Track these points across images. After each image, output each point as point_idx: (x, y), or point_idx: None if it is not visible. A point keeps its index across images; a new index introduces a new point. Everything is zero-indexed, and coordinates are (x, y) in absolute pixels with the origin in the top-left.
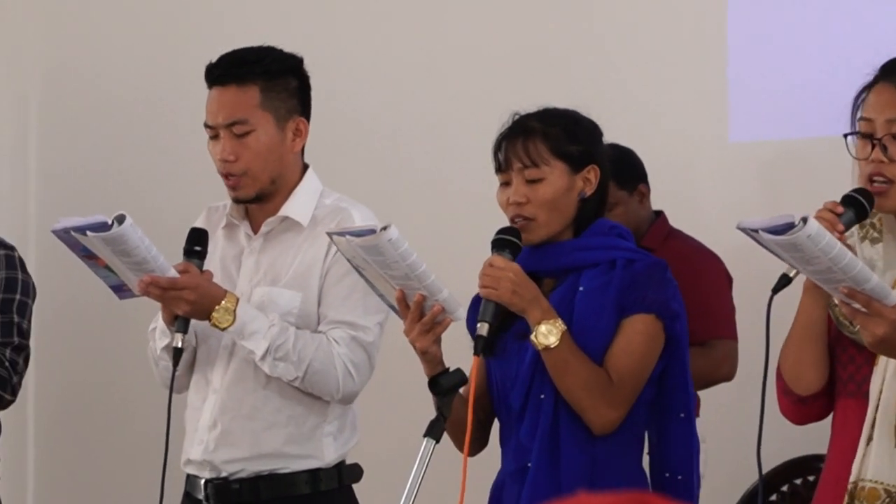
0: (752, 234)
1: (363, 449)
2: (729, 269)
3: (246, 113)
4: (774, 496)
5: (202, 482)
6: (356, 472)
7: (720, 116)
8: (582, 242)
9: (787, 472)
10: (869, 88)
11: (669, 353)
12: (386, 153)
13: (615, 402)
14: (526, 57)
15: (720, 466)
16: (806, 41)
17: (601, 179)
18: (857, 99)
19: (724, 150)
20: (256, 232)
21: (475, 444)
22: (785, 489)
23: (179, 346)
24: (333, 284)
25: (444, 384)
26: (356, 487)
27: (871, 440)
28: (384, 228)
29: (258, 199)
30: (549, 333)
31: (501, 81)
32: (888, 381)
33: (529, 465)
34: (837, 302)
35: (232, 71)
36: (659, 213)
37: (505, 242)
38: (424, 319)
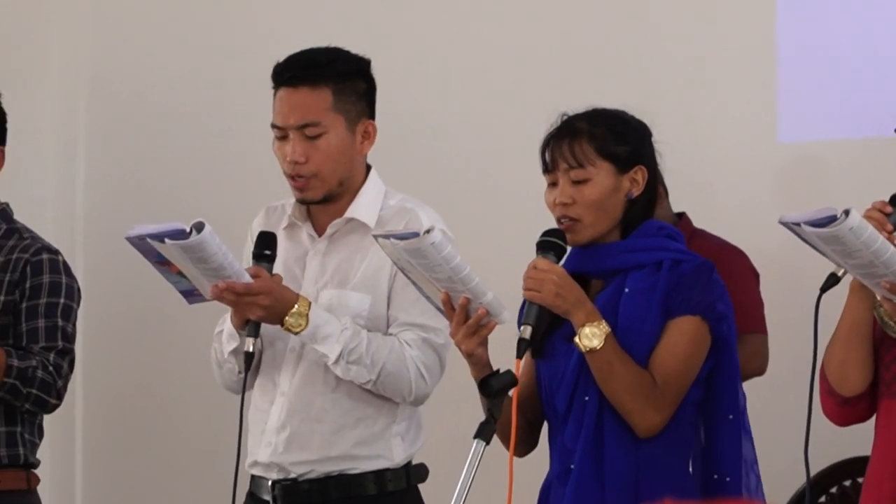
0: (793, 227)
1: (428, 449)
2: (779, 268)
3: (319, 115)
4: (823, 498)
5: (269, 483)
6: (423, 472)
7: (769, 116)
8: (629, 244)
9: (835, 473)
10: None
11: (717, 354)
12: (433, 155)
13: (660, 404)
14: (576, 58)
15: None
16: (855, 41)
17: (649, 180)
18: None
19: (772, 150)
20: (319, 233)
21: (524, 445)
22: (834, 491)
23: (251, 350)
24: (403, 287)
25: (494, 386)
26: (422, 488)
27: None
28: (427, 232)
29: (325, 200)
30: (593, 336)
31: (551, 83)
32: None
33: (573, 466)
34: (880, 298)
35: (304, 72)
36: (681, 214)
37: (549, 245)
38: (469, 322)
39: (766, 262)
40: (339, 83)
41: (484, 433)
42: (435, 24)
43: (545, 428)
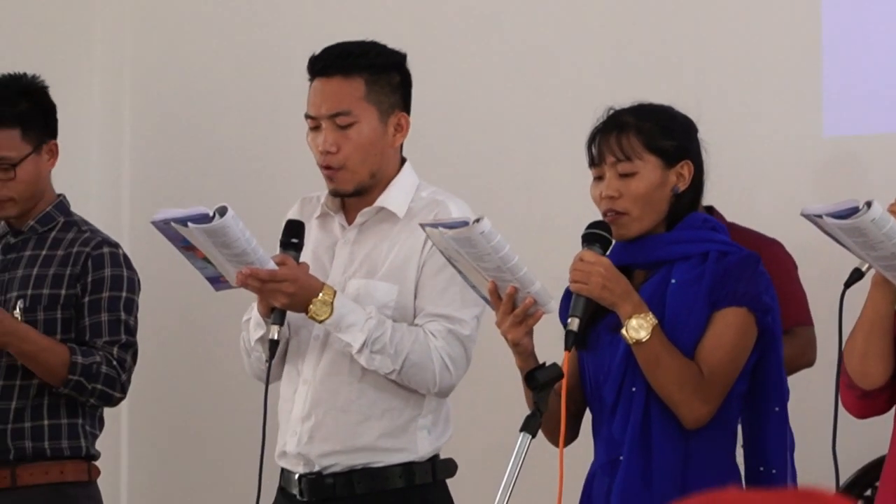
0: (815, 219)
1: (457, 444)
2: (823, 263)
3: (350, 104)
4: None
5: (296, 477)
6: (450, 466)
7: (815, 111)
8: (674, 235)
9: (872, 474)
10: None
11: (762, 346)
12: (480, 147)
13: (707, 396)
14: (622, 54)
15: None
16: None
17: (695, 175)
18: None
19: (819, 144)
20: (350, 223)
21: (566, 436)
22: (868, 494)
23: (276, 338)
24: (430, 277)
25: (540, 379)
26: (450, 483)
27: None
28: (477, 221)
29: (357, 192)
30: (639, 328)
31: (596, 78)
32: None
33: (621, 458)
34: None
35: (337, 63)
36: (710, 208)
37: (595, 237)
38: (516, 311)
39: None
40: (372, 74)
41: (530, 426)
42: (479, 18)
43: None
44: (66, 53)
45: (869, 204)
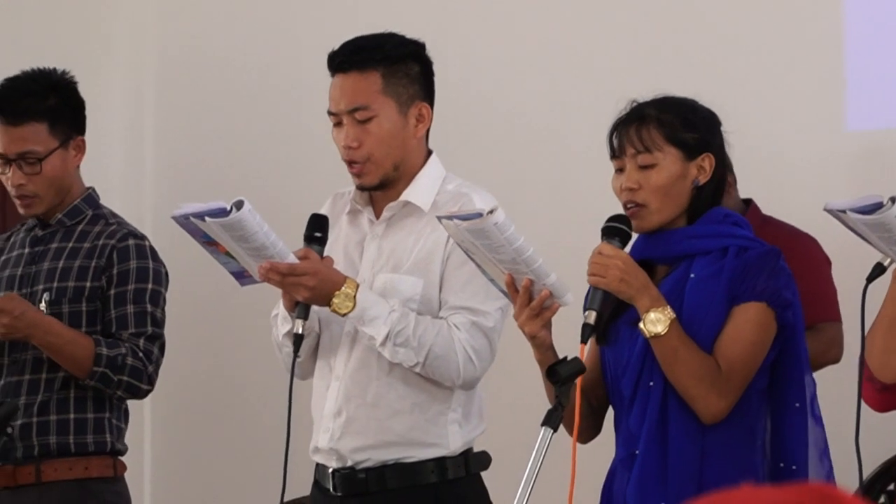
0: (839, 215)
1: (492, 437)
2: (847, 258)
3: (367, 99)
4: (882, 498)
5: (330, 471)
6: (484, 459)
7: (837, 105)
8: (695, 230)
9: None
10: None
11: (782, 342)
12: (502, 140)
13: (724, 390)
14: (645, 47)
15: None
16: None
17: (717, 168)
18: None
19: (840, 138)
20: (379, 217)
21: (588, 430)
22: (892, 488)
23: (300, 332)
24: (454, 270)
25: (562, 373)
26: (485, 475)
27: None
28: (490, 212)
29: (382, 185)
30: (657, 321)
31: (618, 71)
32: None
33: (637, 452)
34: None
35: (353, 57)
36: (748, 201)
37: (614, 230)
38: (532, 304)
39: (830, 252)
40: (388, 66)
41: (551, 420)
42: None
43: (610, 414)
44: (89, 47)
45: (893, 199)
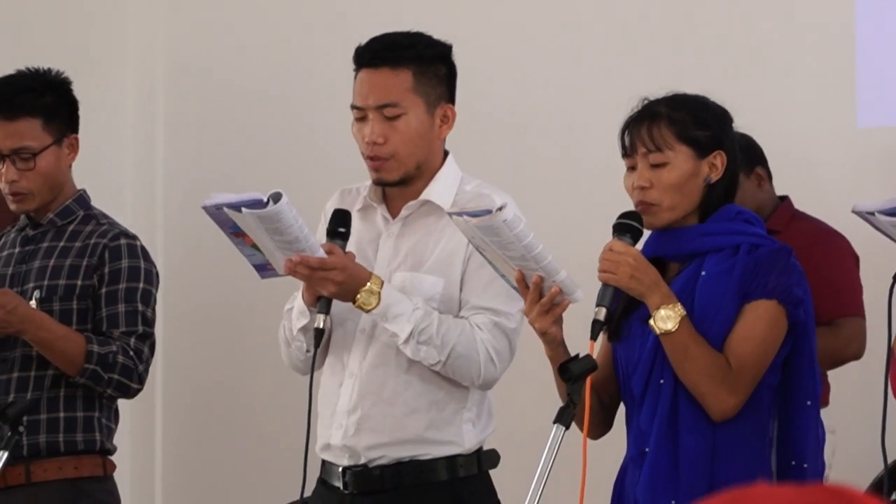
0: (867, 216)
1: (498, 434)
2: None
3: (399, 96)
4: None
5: (340, 469)
6: (494, 457)
7: (849, 103)
8: (707, 227)
9: None
10: None
11: (794, 339)
12: (513, 138)
13: (734, 388)
14: (656, 45)
15: (847, 456)
16: None
17: (728, 165)
18: None
19: (852, 136)
20: (394, 215)
21: (599, 427)
22: None
23: (321, 326)
24: (476, 270)
25: (574, 371)
26: (492, 473)
27: None
28: (500, 209)
29: (401, 182)
30: (667, 318)
31: (630, 68)
32: None
33: (648, 450)
34: None
35: (385, 54)
36: (784, 197)
37: (626, 227)
38: (543, 300)
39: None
40: (420, 66)
41: (563, 418)
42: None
43: (621, 410)
44: (99, 44)
45: None
